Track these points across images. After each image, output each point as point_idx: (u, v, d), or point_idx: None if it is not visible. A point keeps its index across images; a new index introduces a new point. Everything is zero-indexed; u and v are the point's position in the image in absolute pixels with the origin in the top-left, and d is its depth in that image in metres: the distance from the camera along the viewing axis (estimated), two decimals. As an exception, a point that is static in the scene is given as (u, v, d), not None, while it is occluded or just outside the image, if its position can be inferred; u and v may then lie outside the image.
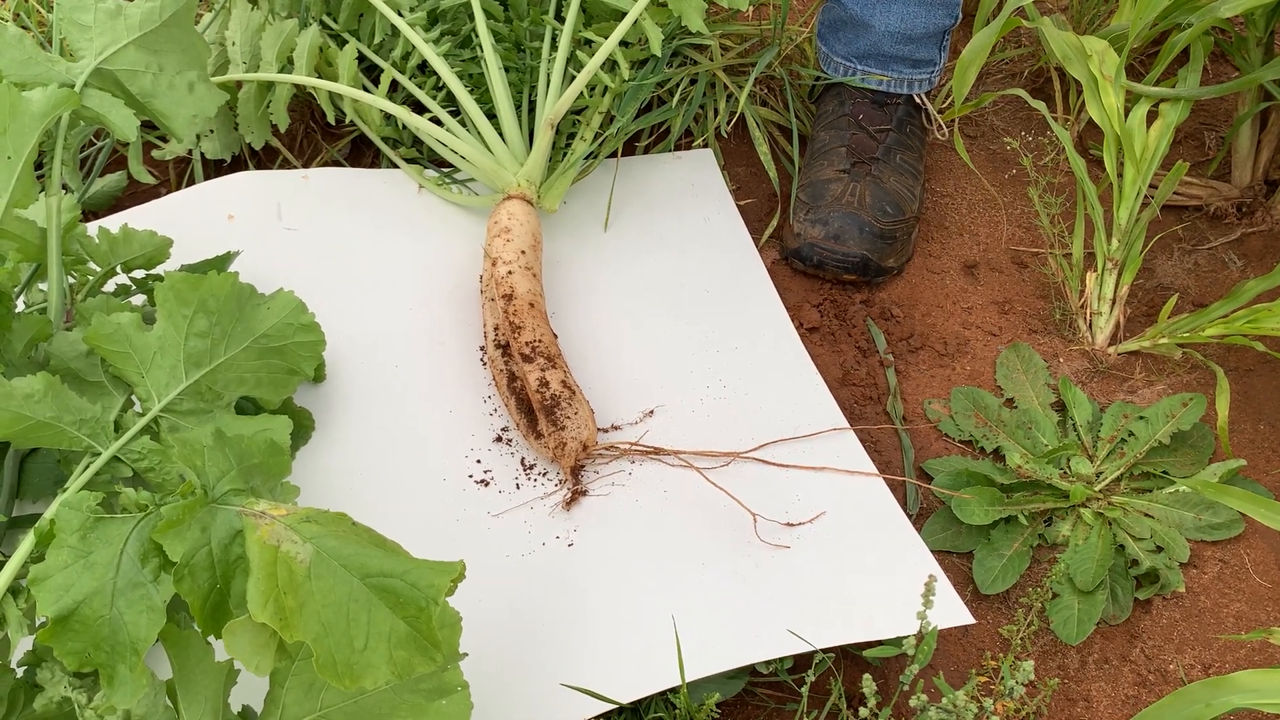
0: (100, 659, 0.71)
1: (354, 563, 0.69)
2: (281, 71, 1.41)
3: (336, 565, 0.68)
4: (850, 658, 1.11)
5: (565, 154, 1.44)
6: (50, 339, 0.98)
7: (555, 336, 1.25)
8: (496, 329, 1.26)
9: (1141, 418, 1.28)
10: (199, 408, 0.94)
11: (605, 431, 1.23)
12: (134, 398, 0.97)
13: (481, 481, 1.19)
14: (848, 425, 1.26)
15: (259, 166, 1.54)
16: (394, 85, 1.45)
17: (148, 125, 1.51)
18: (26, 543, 0.80)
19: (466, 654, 0.83)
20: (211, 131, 1.49)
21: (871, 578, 1.11)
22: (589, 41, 1.42)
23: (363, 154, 1.59)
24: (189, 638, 0.78)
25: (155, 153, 1.52)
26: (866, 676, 0.92)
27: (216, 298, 0.95)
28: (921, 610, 0.92)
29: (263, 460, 0.80)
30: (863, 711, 0.92)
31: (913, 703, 0.92)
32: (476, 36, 1.44)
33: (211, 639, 0.81)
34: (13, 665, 0.83)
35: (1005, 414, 1.32)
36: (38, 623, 0.83)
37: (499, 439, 1.23)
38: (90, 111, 1.03)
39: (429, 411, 1.25)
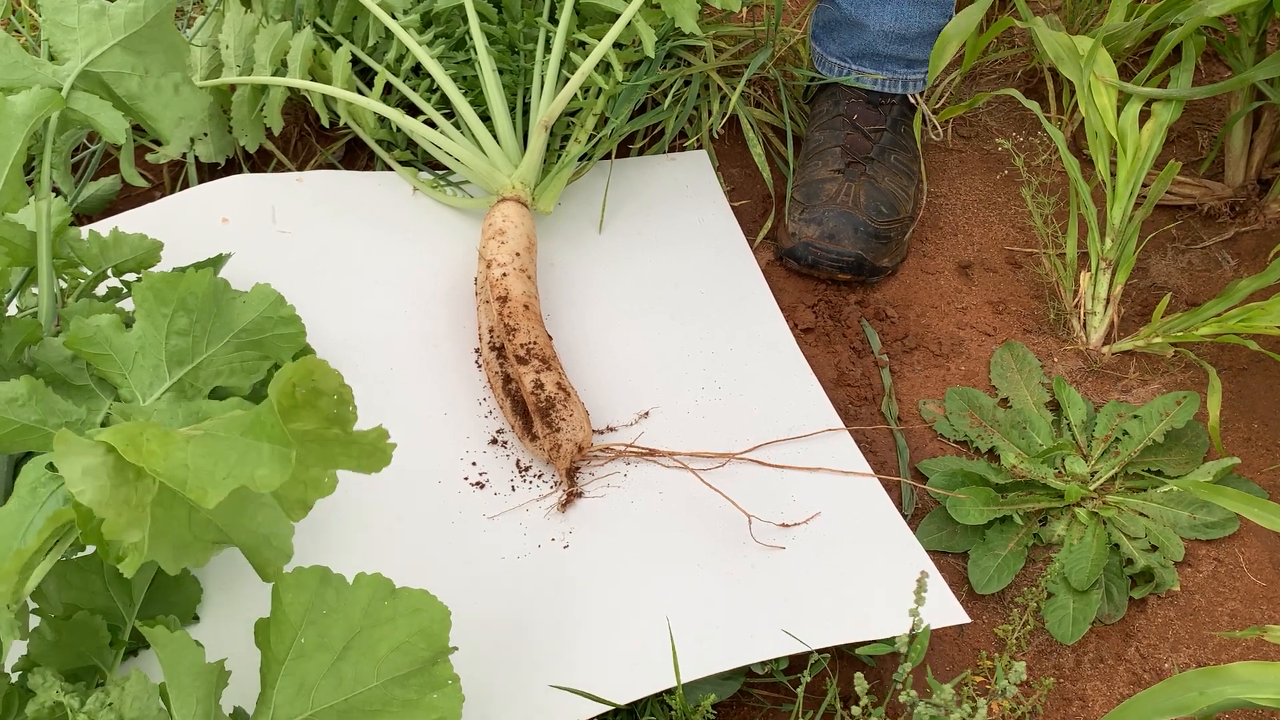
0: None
1: (234, 427, 0.68)
2: (275, 74, 1.41)
3: (220, 433, 0.67)
4: (846, 658, 1.10)
5: (560, 156, 1.44)
6: (40, 343, 0.97)
7: (550, 338, 1.25)
8: (491, 331, 1.26)
9: (1135, 417, 1.28)
10: (183, 406, 0.94)
11: (600, 433, 1.23)
12: (119, 399, 0.96)
13: (477, 484, 1.19)
14: (843, 426, 1.26)
15: (253, 169, 1.54)
16: (388, 88, 1.45)
17: (140, 129, 1.51)
18: (16, 545, 0.79)
19: (456, 647, 0.83)
20: (205, 135, 1.49)
21: (867, 578, 1.11)
22: (583, 43, 1.42)
23: (357, 157, 1.59)
24: (179, 639, 0.78)
25: (149, 156, 1.52)
26: (858, 675, 0.92)
27: (195, 295, 0.95)
28: (914, 607, 0.92)
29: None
30: (855, 710, 0.92)
31: (902, 699, 0.92)
32: (470, 39, 1.44)
33: (202, 639, 0.81)
34: (6, 670, 0.83)
35: (1000, 414, 1.32)
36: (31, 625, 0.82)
37: (494, 441, 1.22)
38: (78, 114, 1.03)
39: (424, 414, 1.24)
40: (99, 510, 0.66)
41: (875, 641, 1.04)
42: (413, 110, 1.45)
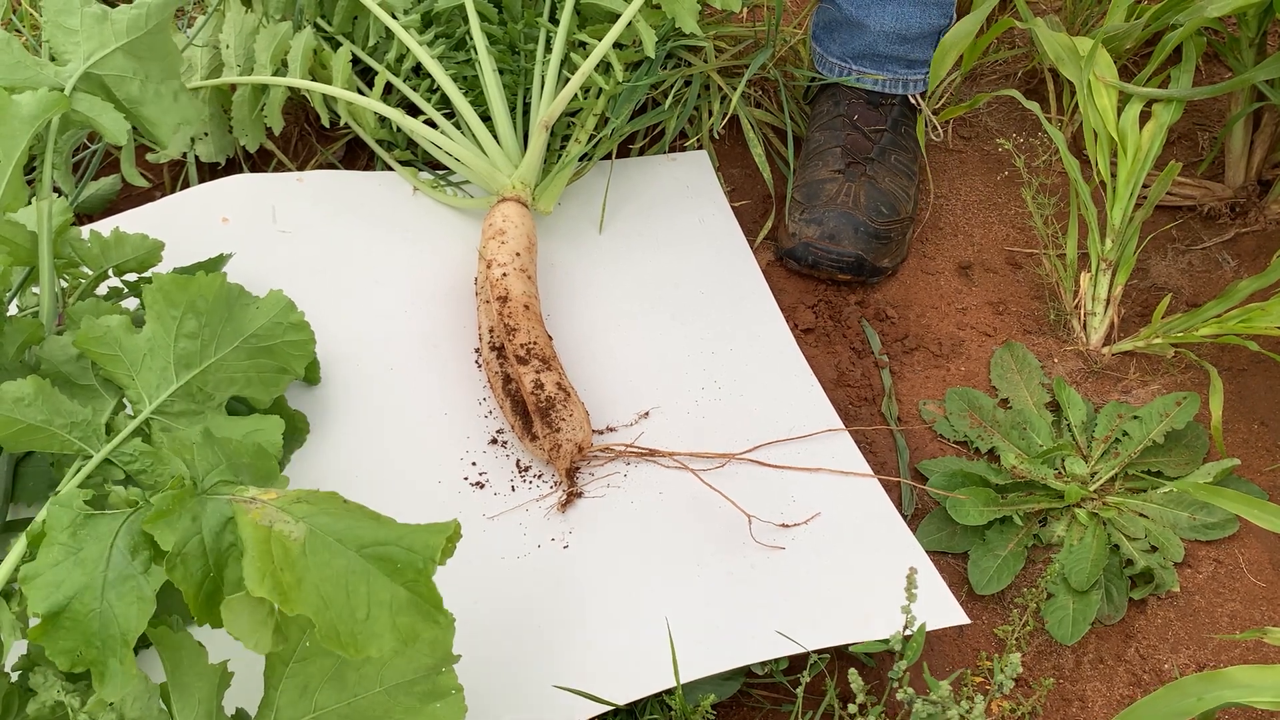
0: (91, 656, 0.71)
1: (348, 536, 0.69)
2: (276, 74, 1.41)
3: (331, 540, 0.68)
4: (845, 659, 1.11)
5: (560, 156, 1.44)
6: (42, 343, 0.97)
7: (550, 338, 1.25)
8: (491, 331, 1.26)
9: (1135, 417, 1.28)
10: (190, 409, 0.94)
11: (600, 433, 1.23)
12: (125, 400, 0.96)
13: (477, 484, 1.19)
14: (843, 426, 1.26)
15: (253, 169, 1.54)
16: (388, 88, 1.45)
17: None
18: (19, 546, 0.79)
19: (460, 656, 0.83)
20: (206, 134, 1.49)
21: (866, 579, 1.11)
22: (583, 44, 1.42)
23: (357, 156, 1.59)
24: (181, 640, 0.78)
25: (150, 155, 1.52)
26: (852, 671, 0.92)
27: (205, 298, 0.95)
28: (905, 604, 0.92)
29: (251, 461, 0.80)
30: (850, 708, 0.92)
31: (899, 696, 0.92)
32: (471, 39, 1.44)
33: (205, 640, 0.81)
34: (6, 669, 0.83)
35: (1000, 414, 1.32)
36: (30, 624, 0.82)
37: (494, 441, 1.22)
38: (80, 115, 1.03)
39: (424, 414, 1.25)
40: (262, 651, 0.70)
41: (870, 641, 1.04)
42: (413, 110, 1.45)
